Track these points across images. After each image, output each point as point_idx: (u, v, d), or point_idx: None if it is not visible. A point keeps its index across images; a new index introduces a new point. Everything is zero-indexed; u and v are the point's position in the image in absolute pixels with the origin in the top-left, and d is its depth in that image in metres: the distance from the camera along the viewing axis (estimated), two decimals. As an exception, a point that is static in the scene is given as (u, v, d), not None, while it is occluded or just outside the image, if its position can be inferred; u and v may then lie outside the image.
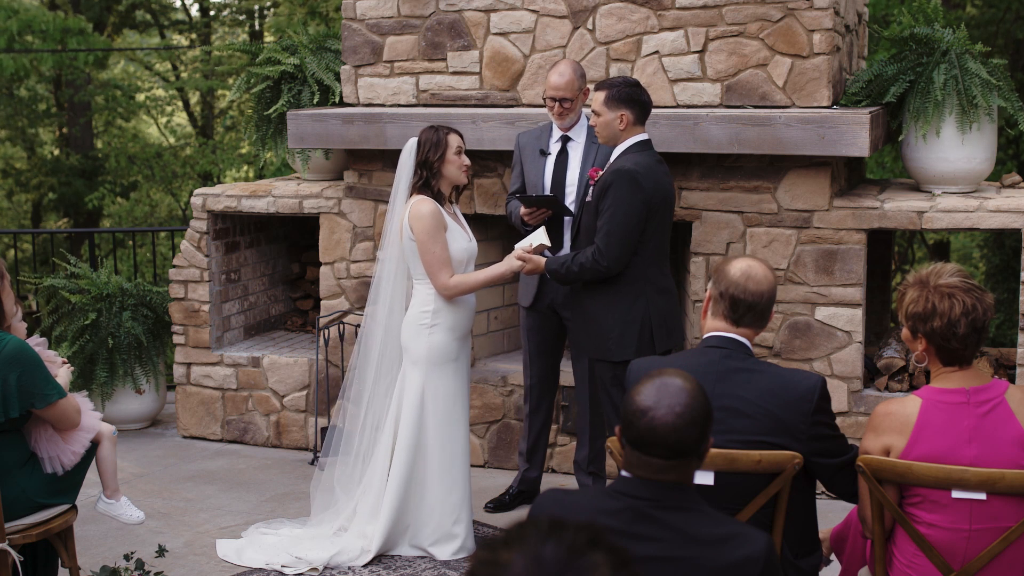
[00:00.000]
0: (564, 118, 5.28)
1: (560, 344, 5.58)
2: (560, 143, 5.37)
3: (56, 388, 4.07)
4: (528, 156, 5.43)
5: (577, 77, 5.23)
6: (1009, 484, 3.05)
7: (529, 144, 5.45)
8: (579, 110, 5.32)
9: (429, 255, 4.89)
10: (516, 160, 5.51)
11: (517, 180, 5.50)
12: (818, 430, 3.20)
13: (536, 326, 5.50)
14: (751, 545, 2.45)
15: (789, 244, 5.72)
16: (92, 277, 6.89)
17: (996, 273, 12.63)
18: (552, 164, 5.36)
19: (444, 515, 4.98)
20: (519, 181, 5.48)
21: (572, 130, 5.34)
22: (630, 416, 2.47)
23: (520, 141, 5.50)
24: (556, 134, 5.37)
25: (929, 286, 3.18)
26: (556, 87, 5.22)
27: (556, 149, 5.37)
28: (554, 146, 5.38)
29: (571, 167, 5.33)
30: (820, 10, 5.67)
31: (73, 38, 14.44)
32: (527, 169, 5.43)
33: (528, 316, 5.52)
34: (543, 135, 5.43)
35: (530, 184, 5.40)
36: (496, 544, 1.56)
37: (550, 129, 5.41)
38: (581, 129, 5.34)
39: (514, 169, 5.53)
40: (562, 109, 5.25)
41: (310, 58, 6.64)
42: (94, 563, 4.89)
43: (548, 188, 5.34)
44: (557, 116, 5.28)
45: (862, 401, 5.70)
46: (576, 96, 5.24)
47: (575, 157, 5.33)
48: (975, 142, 5.78)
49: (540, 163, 5.38)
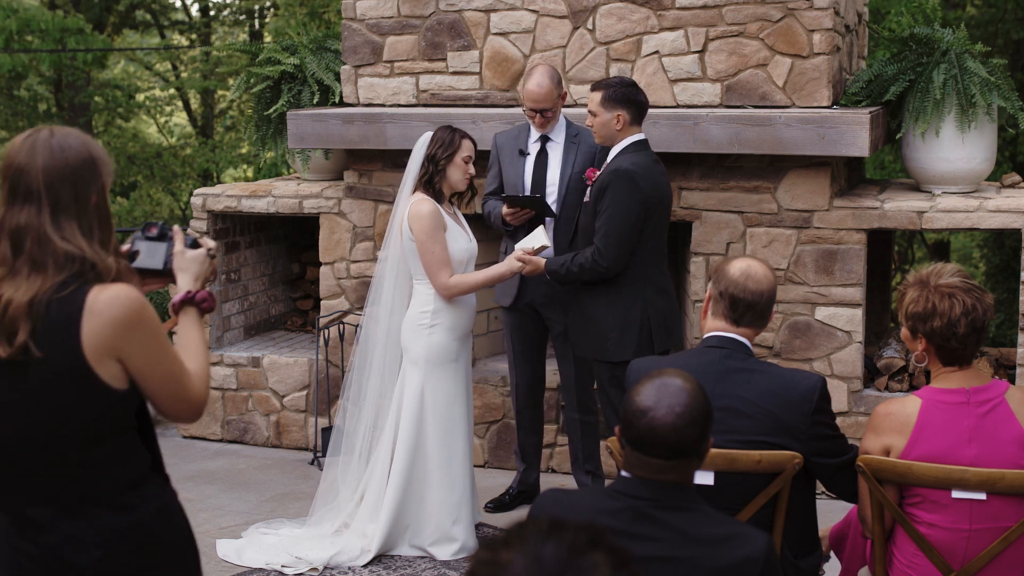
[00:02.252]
0: (547, 127, 5.28)
1: (544, 343, 5.57)
2: (539, 143, 5.35)
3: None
4: (507, 156, 5.40)
5: (555, 85, 5.20)
6: (1009, 484, 3.05)
7: (507, 144, 5.42)
8: (559, 115, 5.31)
9: (428, 255, 4.89)
10: (493, 160, 5.47)
11: (494, 180, 5.46)
12: (818, 430, 3.20)
13: (518, 325, 5.49)
14: (751, 545, 2.45)
15: (789, 244, 5.72)
16: (92, 277, 6.88)
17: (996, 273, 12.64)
18: (532, 164, 5.34)
19: (444, 515, 4.98)
20: (496, 181, 5.45)
21: (551, 130, 5.33)
22: (630, 416, 2.47)
23: (497, 141, 5.47)
24: (535, 134, 5.35)
25: (929, 286, 3.18)
26: (536, 99, 5.19)
27: (535, 149, 5.35)
28: (533, 146, 5.35)
29: (551, 167, 5.31)
30: (820, 10, 5.67)
31: (72, 37, 14.43)
32: (506, 169, 5.40)
33: (509, 316, 5.51)
34: (521, 135, 5.40)
35: (509, 184, 5.37)
36: (496, 544, 1.56)
37: (528, 129, 5.38)
38: (560, 129, 5.33)
39: (491, 169, 5.48)
40: (543, 119, 5.23)
41: (310, 58, 6.64)
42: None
43: (528, 188, 5.31)
44: (539, 127, 5.27)
45: (862, 401, 5.70)
46: (555, 103, 5.23)
47: (555, 157, 5.32)
48: (975, 142, 5.79)
49: (520, 163, 5.35)
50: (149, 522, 2.46)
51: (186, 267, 2.68)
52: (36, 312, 2.34)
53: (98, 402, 2.38)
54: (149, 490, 2.49)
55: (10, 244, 2.38)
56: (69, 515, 2.41)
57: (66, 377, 2.36)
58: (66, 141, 2.43)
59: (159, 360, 2.42)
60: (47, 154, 2.40)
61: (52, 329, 2.34)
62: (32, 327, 2.33)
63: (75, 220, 2.39)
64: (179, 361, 2.48)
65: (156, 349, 2.41)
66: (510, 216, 5.20)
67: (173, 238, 2.71)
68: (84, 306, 2.34)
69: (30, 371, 2.36)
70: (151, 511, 2.47)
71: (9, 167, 2.40)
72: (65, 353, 2.34)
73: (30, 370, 2.36)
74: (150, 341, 2.39)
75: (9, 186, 2.40)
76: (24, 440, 2.40)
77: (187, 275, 2.67)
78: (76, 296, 2.35)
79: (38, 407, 2.38)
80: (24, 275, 2.36)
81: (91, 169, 2.44)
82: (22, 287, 2.35)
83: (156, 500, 2.50)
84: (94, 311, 2.34)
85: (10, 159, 2.41)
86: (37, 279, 2.35)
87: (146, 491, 2.48)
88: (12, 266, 2.37)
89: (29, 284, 2.35)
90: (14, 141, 2.44)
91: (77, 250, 2.37)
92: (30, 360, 2.35)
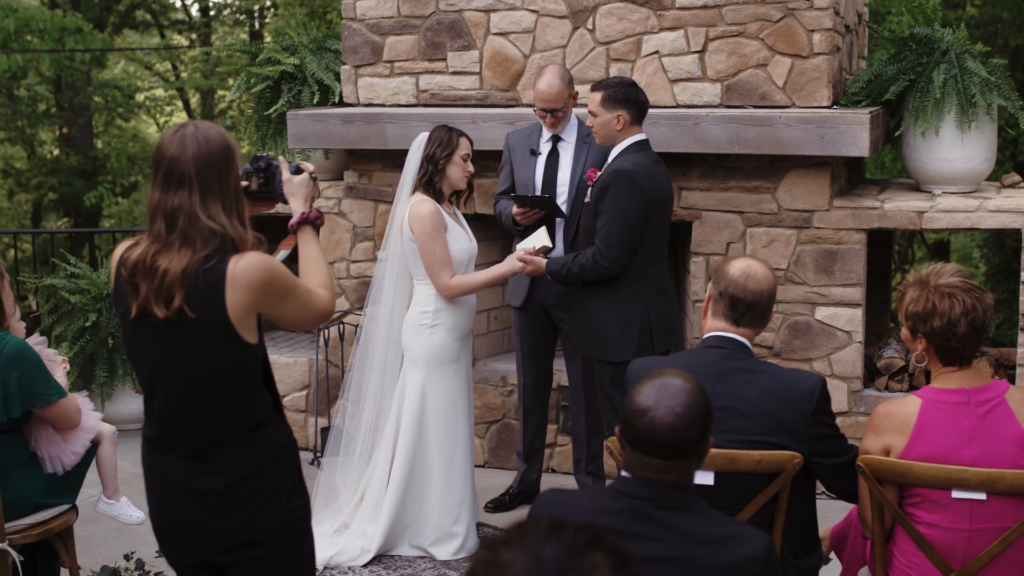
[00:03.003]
0: (557, 127, 5.28)
1: (552, 344, 5.57)
2: (551, 143, 5.35)
3: (56, 388, 4.07)
4: (518, 156, 5.41)
5: (565, 85, 5.20)
6: (1009, 484, 3.05)
7: (519, 144, 5.43)
8: (570, 114, 5.31)
9: (430, 256, 4.89)
10: (505, 160, 5.49)
11: (506, 180, 5.47)
12: (818, 430, 3.20)
13: (528, 326, 5.50)
14: (751, 545, 2.45)
15: (789, 244, 5.72)
16: (92, 277, 6.89)
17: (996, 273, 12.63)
18: (543, 164, 5.35)
19: (444, 515, 4.98)
20: (508, 181, 5.46)
21: (563, 130, 5.33)
22: (630, 416, 2.47)
23: (509, 141, 5.49)
24: (546, 134, 5.36)
25: (929, 286, 3.19)
26: (546, 99, 5.19)
27: (547, 149, 5.36)
28: (544, 146, 5.36)
29: (562, 167, 5.32)
30: (820, 10, 5.67)
31: (71, 37, 14.41)
32: (517, 169, 5.41)
33: (519, 316, 5.51)
34: (533, 135, 5.41)
35: (520, 184, 5.38)
36: (496, 544, 1.56)
37: (540, 129, 5.39)
38: (572, 129, 5.33)
39: (503, 169, 5.50)
40: (554, 119, 5.23)
41: (310, 58, 6.64)
42: (94, 563, 4.89)
43: (539, 188, 5.32)
44: (550, 127, 5.27)
45: (862, 401, 5.70)
46: (566, 103, 5.22)
47: (566, 157, 5.32)
48: (975, 142, 5.79)
49: (531, 163, 5.36)
50: (269, 458, 2.91)
51: (295, 191, 3.11)
52: (187, 280, 2.76)
53: (237, 354, 2.83)
54: (270, 430, 2.93)
55: (165, 223, 2.79)
56: (206, 449, 2.87)
57: (213, 334, 2.80)
58: (208, 134, 2.82)
59: (290, 300, 2.88)
60: (195, 146, 2.78)
61: (201, 295, 2.76)
62: (185, 293, 2.75)
63: (219, 201, 2.80)
64: (305, 290, 2.92)
65: (286, 294, 2.87)
66: (520, 216, 5.20)
67: (280, 167, 3.10)
68: (226, 275, 2.76)
69: (185, 330, 2.79)
70: (271, 450, 2.92)
71: (162, 158, 2.80)
72: (213, 315, 2.78)
73: (185, 329, 2.79)
74: (280, 291, 2.85)
75: (164, 174, 2.80)
76: (178, 385, 2.86)
77: (297, 199, 3.10)
78: (219, 266, 2.76)
79: (190, 358, 2.83)
80: (176, 248, 2.77)
81: (230, 156, 2.83)
82: (175, 259, 2.77)
83: (276, 438, 2.95)
84: (234, 279, 2.76)
85: (163, 152, 2.81)
86: (187, 252, 2.77)
87: (267, 431, 2.92)
88: (166, 241, 2.78)
89: (180, 256, 2.77)
90: (163, 136, 2.84)
91: (220, 227, 2.78)
92: (184, 320, 2.78)
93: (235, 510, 2.90)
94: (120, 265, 2.88)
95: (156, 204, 2.81)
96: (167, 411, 2.91)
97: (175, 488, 2.92)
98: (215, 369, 2.84)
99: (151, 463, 2.99)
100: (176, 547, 3.02)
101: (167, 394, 2.89)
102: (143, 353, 2.90)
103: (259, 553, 2.94)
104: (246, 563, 2.96)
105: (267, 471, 2.90)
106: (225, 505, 2.89)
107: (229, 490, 2.88)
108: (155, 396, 2.92)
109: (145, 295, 2.80)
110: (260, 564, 2.96)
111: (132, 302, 2.83)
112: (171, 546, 3.03)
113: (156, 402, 2.92)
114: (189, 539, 2.96)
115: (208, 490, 2.88)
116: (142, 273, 2.81)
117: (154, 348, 2.86)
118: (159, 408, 2.92)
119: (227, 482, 2.87)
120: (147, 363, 2.90)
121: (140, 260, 2.82)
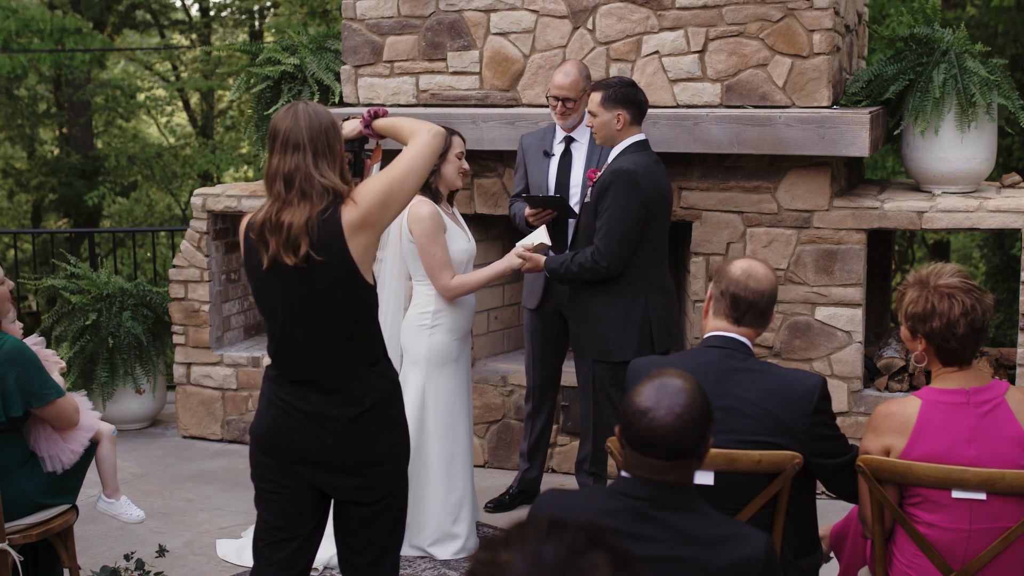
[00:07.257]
0: (566, 118, 5.28)
1: (564, 346, 5.58)
2: (564, 144, 5.37)
3: (54, 387, 4.07)
4: (532, 157, 5.43)
5: (583, 78, 5.23)
6: (1009, 484, 3.05)
7: (533, 145, 5.45)
8: (582, 111, 5.31)
9: (430, 257, 4.89)
10: (520, 161, 5.51)
11: (521, 181, 5.50)
12: (818, 430, 3.20)
13: (541, 328, 5.51)
14: (751, 545, 2.45)
15: (789, 244, 5.72)
16: (92, 277, 6.89)
17: (996, 273, 12.63)
18: (556, 165, 5.36)
19: (444, 515, 4.98)
20: (523, 182, 5.48)
21: (576, 131, 5.34)
22: (630, 417, 2.47)
23: (524, 142, 5.50)
24: (560, 135, 5.37)
25: (929, 286, 3.19)
26: (560, 86, 5.22)
27: (560, 150, 5.37)
28: (558, 147, 5.38)
29: (575, 168, 5.33)
30: (820, 10, 5.67)
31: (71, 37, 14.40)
32: (531, 170, 5.43)
33: (533, 318, 5.52)
34: (547, 136, 5.43)
35: (534, 185, 5.40)
36: (496, 544, 1.56)
37: (554, 130, 5.41)
38: (585, 130, 5.33)
39: (517, 171, 5.52)
40: (565, 108, 5.24)
41: (310, 58, 6.64)
42: (94, 563, 4.90)
43: (552, 189, 5.34)
44: (560, 116, 5.27)
45: (862, 401, 5.70)
46: (580, 96, 5.24)
47: (579, 158, 5.33)
48: (975, 142, 5.79)
49: (544, 164, 5.38)
50: (387, 391, 3.34)
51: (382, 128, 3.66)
52: (310, 229, 3.16)
53: (359, 292, 3.25)
54: (383, 367, 3.35)
55: (284, 183, 3.20)
56: (339, 383, 3.27)
57: (338, 274, 3.20)
58: (316, 109, 3.27)
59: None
60: (307, 118, 3.23)
61: (325, 240, 3.17)
62: (310, 241, 3.16)
63: (327, 161, 3.22)
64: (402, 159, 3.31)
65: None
66: (533, 217, 5.22)
67: None
68: (342, 222, 3.18)
69: (314, 274, 3.20)
70: (386, 385, 3.34)
71: (279, 130, 3.24)
72: (338, 257, 3.19)
73: (314, 273, 3.19)
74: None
75: (281, 143, 3.23)
76: (310, 324, 3.25)
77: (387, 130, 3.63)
78: (334, 215, 3.19)
79: (320, 299, 3.23)
80: (295, 204, 3.19)
81: (334, 127, 3.28)
82: (296, 213, 3.18)
83: (389, 375, 3.37)
84: (349, 224, 3.18)
85: (279, 125, 3.25)
86: (306, 206, 3.18)
87: (381, 368, 3.34)
88: (285, 199, 3.19)
89: (300, 210, 3.18)
90: (277, 115, 3.28)
91: (331, 183, 3.20)
92: (312, 265, 3.18)
93: (360, 435, 3.27)
94: (248, 230, 3.28)
95: (276, 168, 3.22)
96: (300, 350, 3.27)
97: (310, 418, 3.28)
98: (341, 304, 3.23)
99: (282, 398, 3.32)
100: (293, 471, 3.33)
101: (301, 332, 3.25)
102: (277, 299, 3.26)
103: (372, 477, 3.31)
104: (355, 490, 3.33)
105: (386, 403, 3.31)
106: (352, 431, 3.27)
107: (357, 418, 3.27)
108: (287, 338, 3.28)
109: (275, 248, 3.19)
110: (369, 490, 3.32)
111: (264, 255, 3.21)
112: (286, 470, 3.33)
113: (288, 343, 3.28)
114: (310, 464, 3.30)
115: (337, 417, 3.26)
116: (270, 229, 3.20)
117: (287, 294, 3.23)
118: (292, 348, 3.28)
119: (356, 412, 3.26)
120: (280, 308, 3.26)
121: (266, 219, 3.21)
